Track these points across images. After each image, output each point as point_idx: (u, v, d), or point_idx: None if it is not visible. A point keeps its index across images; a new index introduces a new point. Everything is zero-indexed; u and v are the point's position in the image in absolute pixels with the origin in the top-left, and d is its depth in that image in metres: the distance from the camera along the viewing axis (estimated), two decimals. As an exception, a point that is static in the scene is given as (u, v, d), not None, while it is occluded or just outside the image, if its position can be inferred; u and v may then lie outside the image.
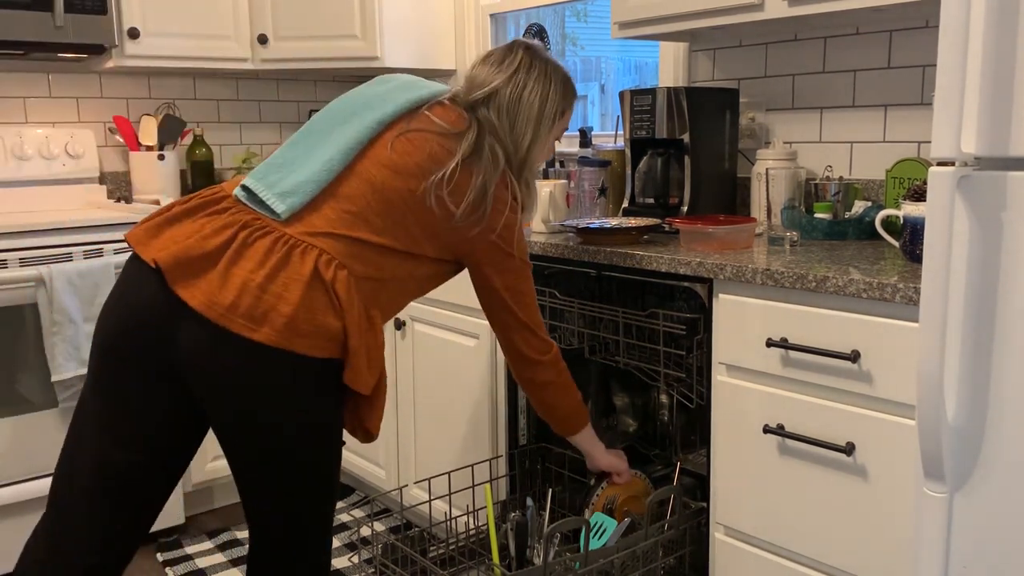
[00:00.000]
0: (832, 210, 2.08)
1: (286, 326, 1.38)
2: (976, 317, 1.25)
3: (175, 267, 1.39)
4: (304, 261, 1.41)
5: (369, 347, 1.49)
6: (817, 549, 1.65)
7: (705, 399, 1.83)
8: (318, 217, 1.47)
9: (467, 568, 2.03)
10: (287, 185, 1.48)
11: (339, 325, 1.43)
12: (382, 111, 1.57)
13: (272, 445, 1.46)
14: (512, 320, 1.69)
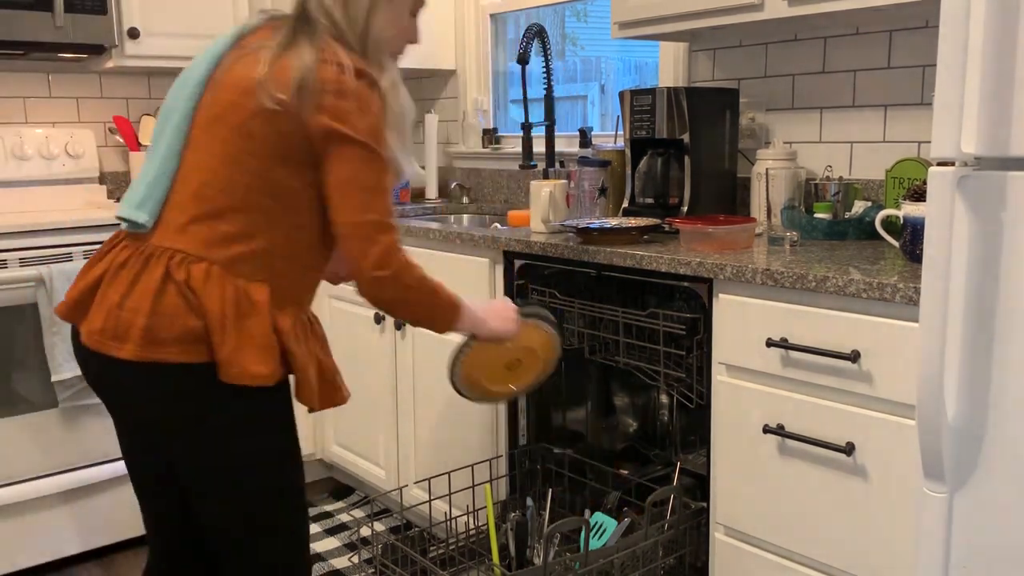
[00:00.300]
0: (832, 210, 2.08)
1: (144, 338, 1.36)
2: (976, 317, 1.25)
3: (71, 311, 1.47)
4: (155, 268, 1.38)
5: (249, 334, 1.39)
6: (817, 549, 1.65)
7: (705, 399, 1.83)
8: (177, 212, 1.42)
9: (467, 568, 2.03)
10: (139, 193, 1.44)
11: (200, 324, 1.37)
12: (197, 73, 1.47)
13: (184, 455, 1.45)
14: (355, 221, 1.42)
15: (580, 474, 2.20)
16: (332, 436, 3.05)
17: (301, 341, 1.47)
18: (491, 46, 3.36)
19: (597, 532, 2.01)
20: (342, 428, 2.99)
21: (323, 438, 3.09)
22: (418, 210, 3.18)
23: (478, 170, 3.36)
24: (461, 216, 3.20)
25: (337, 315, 2.87)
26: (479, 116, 3.37)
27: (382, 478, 2.81)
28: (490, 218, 3.13)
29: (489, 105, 3.39)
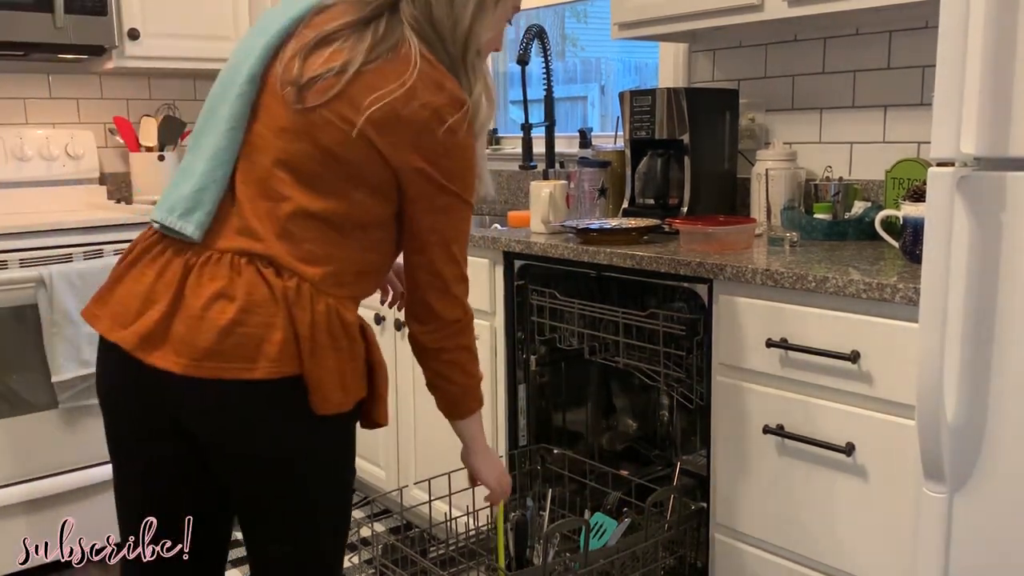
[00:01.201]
0: (832, 210, 2.08)
1: (281, 352, 1.24)
2: (976, 317, 1.25)
3: (141, 344, 1.26)
4: (250, 275, 1.25)
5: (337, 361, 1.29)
6: (817, 549, 1.65)
7: (705, 399, 1.83)
8: (239, 219, 1.28)
9: (467, 568, 2.03)
10: (186, 200, 1.28)
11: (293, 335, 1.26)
12: (249, 65, 1.29)
13: (290, 483, 1.32)
14: (437, 271, 1.35)
15: (580, 474, 2.20)
16: (332, 437, 3.05)
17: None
18: (491, 47, 3.35)
19: (597, 532, 2.01)
20: (342, 429, 2.99)
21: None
22: (418, 211, 3.17)
23: (478, 171, 3.35)
24: (461, 217, 3.20)
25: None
26: (479, 117, 3.37)
27: (382, 478, 2.81)
28: (490, 218, 3.13)
29: (489, 106, 3.39)
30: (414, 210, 1.32)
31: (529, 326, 2.25)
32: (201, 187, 1.28)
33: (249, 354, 1.23)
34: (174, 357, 1.24)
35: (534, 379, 2.31)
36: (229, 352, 1.23)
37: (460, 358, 1.45)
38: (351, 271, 1.32)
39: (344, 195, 1.28)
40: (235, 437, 1.29)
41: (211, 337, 1.22)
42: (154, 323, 1.25)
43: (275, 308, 1.24)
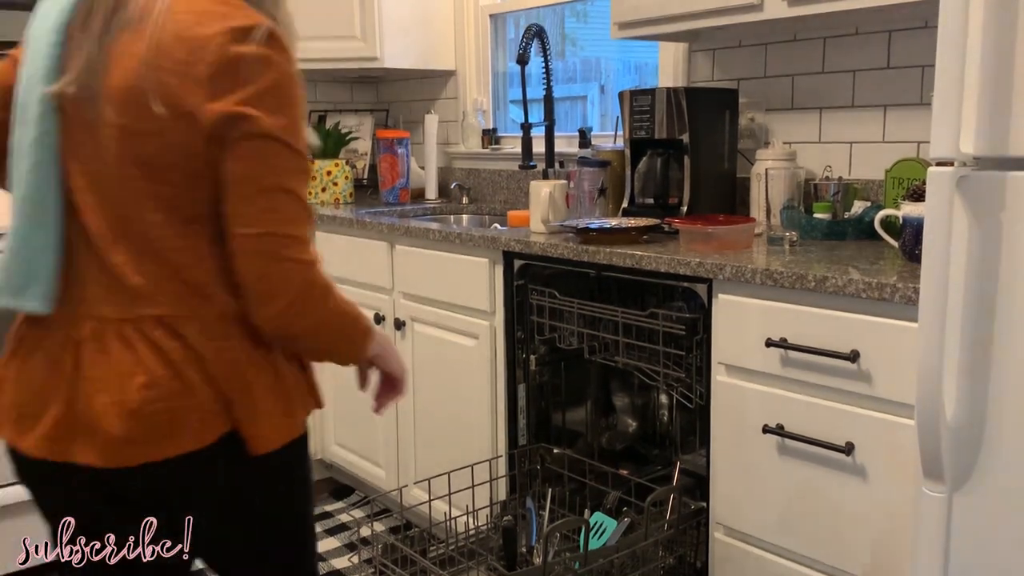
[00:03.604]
0: (831, 210, 2.08)
1: (201, 418, 1.13)
2: (975, 317, 1.25)
3: (51, 447, 1.14)
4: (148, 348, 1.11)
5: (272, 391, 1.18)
6: (816, 549, 1.65)
7: (705, 399, 1.83)
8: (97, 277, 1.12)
9: (467, 568, 2.03)
10: (12, 275, 1.12)
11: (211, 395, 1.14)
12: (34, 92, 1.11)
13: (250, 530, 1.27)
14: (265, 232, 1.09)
15: (580, 474, 2.20)
16: (332, 436, 3.05)
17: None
18: (491, 46, 3.36)
19: (597, 532, 2.01)
20: (342, 428, 2.99)
21: (323, 438, 3.09)
22: (418, 210, 3.18)
23: (478, 170, 3.36)
24: (461, 216, 3.20)
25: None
26: (479, 116, 3.37)
27: (382, 478, 2.81)
28: (490, 218, 3.13)
29: (489, 105, 3.39)
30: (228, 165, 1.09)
31: (529, 326, 2.25)
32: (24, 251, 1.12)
33: (167, 431, 1.12)
34: (92, 451, 1.12)
35: (534, 379, 2.31)
36: (146, 435, 1.11)
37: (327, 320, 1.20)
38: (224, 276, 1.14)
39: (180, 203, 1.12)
40: (184, 509, 1.21)
41: (122, 424, 1.10)
42: (59, 419, 1.13)
43: (178, 376, 1.11)
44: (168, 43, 1.07)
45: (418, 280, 2.55)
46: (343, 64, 3.20)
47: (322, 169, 3.30)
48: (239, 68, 1.06)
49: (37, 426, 1.14)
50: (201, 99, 1.06)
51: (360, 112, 3.70)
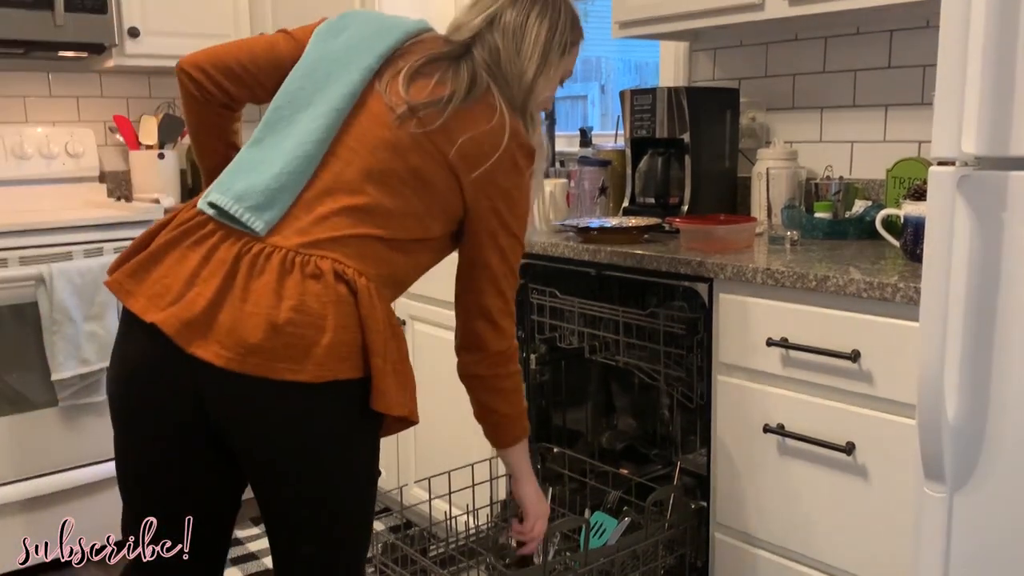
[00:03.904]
0: (832, 210, 2.08)
1: (327, 355, 1.23)
2: (976, 317, 1.25)
3: (182, 330, 1.22)
4: (320, 278, 1.25)
5: (395, 362, 1.32)
6: (817, 549, 1.65)
7: (705, 399, 1.83)
8: (309, 221, 1.29)
9: (467, 568, 2.03)
10: (259, 194, 1.28)
11: (361, 339, 1.28)
12: (350, 78, 1.36)
13: (324, 486, 1.32)
14: (489, 304, 1.44)
15: (580, 473, 2.20)
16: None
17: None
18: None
19: (597, 532, 2.01)
20: (342, 427, 2.99)
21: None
22: (418, 209, 3.18)
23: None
24: (461, 215, 3.20)
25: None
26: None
27: (382, 477, 2.81)
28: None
29: (489, 104, 3.39)
30: (475, 244, 1.41)
31: (529, 325, 2.25)
32: (280, 186, 1.29)
33: (296, 355, 1.21)
34: (217, 348, 1.20)
35: (534, 378, 2.31)
36: (277, 351, 1.20)
37: (505, 386, 1.52)
38: (397, 278, 1.39)
39: (416, 215, 1.35)
40: (273, 441, 1.26)
41: (260, 333, 1.20)
42: (199, 309, 1.22)
43: (326, 311, 1.23)
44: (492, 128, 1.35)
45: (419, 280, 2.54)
46: (344, 63, 3.20)
47: (322, 168, 3.29)
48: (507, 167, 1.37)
49: (172, 306, 1.23)
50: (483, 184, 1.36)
51: (360, 111, 3.70)
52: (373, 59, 1.37)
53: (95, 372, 2.60)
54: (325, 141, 1.33)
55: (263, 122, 1.38)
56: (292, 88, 1.38)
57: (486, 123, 1.35)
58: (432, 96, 1.34)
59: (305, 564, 1.37)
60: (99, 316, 2.59)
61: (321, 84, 1.37)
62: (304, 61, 1.41)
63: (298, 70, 1.40)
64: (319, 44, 1.42)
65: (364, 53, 1.38)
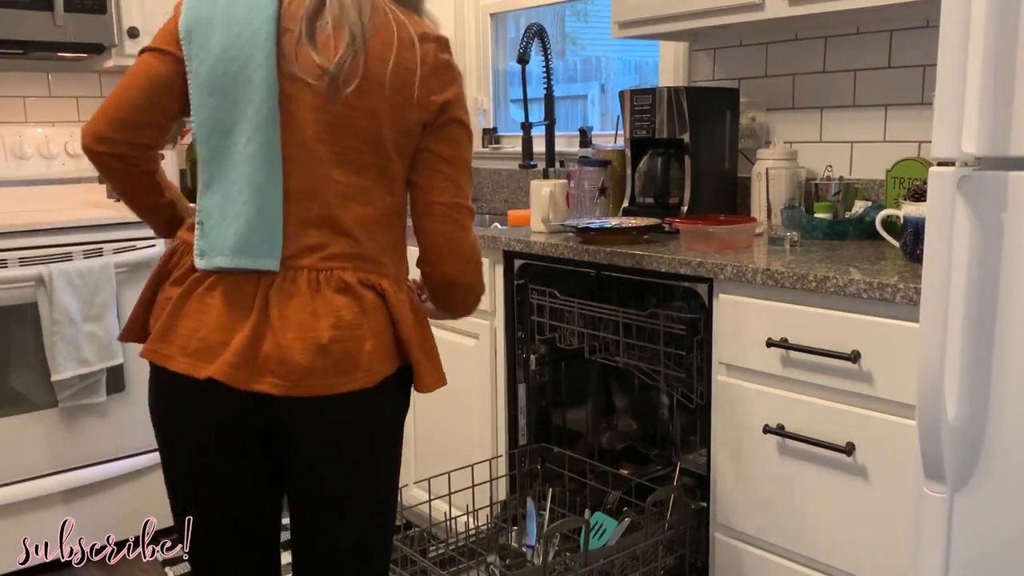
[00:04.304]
0: (832, 210, 2.08)
1: (373, 360, 1.31)
2: (976, 317, 1.24)
3: (235, 374, 1.26)
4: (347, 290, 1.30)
5: (426, 345, 1.39)
6: (817, 549, 1.65)
7: (705, 399, 1.83)
8: (312, 235, 1.30)
9: (467, 568, 2.03)
10: (252, 240, 1.28)
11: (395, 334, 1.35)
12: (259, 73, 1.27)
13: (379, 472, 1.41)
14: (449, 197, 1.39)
15: (580, 474, 2.20)
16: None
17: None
18: (491, 45, 3.35)
19: (597, 532, 2.01)
20: (342, 428, 2.99)
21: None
22: (418, 210, 3.17)
23: (478, 170, 3.36)
24: (461, 216, 3.20)
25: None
26: (479, 115, 3.37)
27: (382, 478, 2.81)
28: (490, 218, 3.13)
29: (489, 104, 3.39)
30: (437, 147, 1.37)
31: (529, 325, 2.25)
32: (266, 220, 1.28)
33: (347, 368, 1.29)
34: (272, 379, 1.27)
35: (534, 378, 2.31)
36: (328, 368, 1.28)
37: (480, 289, 1.50)
38: (401, 237, 1.40)
39: (386, 173, 1.34)
40: (338, 443, 1.35)
41: (308, 356, 1.26)
42: (244, 349, 1.26)
43: (362, 320, 1.30)
44: (402, 46, 1.31)
45: (418, 280, 2.54)
46: (343, 63, 3.20)
47: (322, 168, 3.29)
48: (451, 76, 1.37)
49: (222, 356, 1.26)
50: (428, 92, 1.32)
51: (360, 111, 3.70)
52: (268, 45, 1.27)
53: (95, 373, 2.59)
54: (275, 157, 1.28)
55: (202, 161, 1.32)
56: (206, 114, 1.30)
57: (395, 41, 1.31)
58: (341, 50, 1.27)
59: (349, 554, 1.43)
60: (99, 317, 2.59)
61: (232, 95, 1.29)
62: (200, 76, 1.30)
63: (200, 89, 1.30)
64: (199, 48, 1.30)
65: (255, 42, 1.28)
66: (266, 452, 1.38)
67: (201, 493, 1.40)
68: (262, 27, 1.28)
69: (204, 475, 1.39)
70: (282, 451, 1.37)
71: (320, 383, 1.28)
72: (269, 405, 1.30)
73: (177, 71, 1.32)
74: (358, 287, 1.30)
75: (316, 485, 1.38)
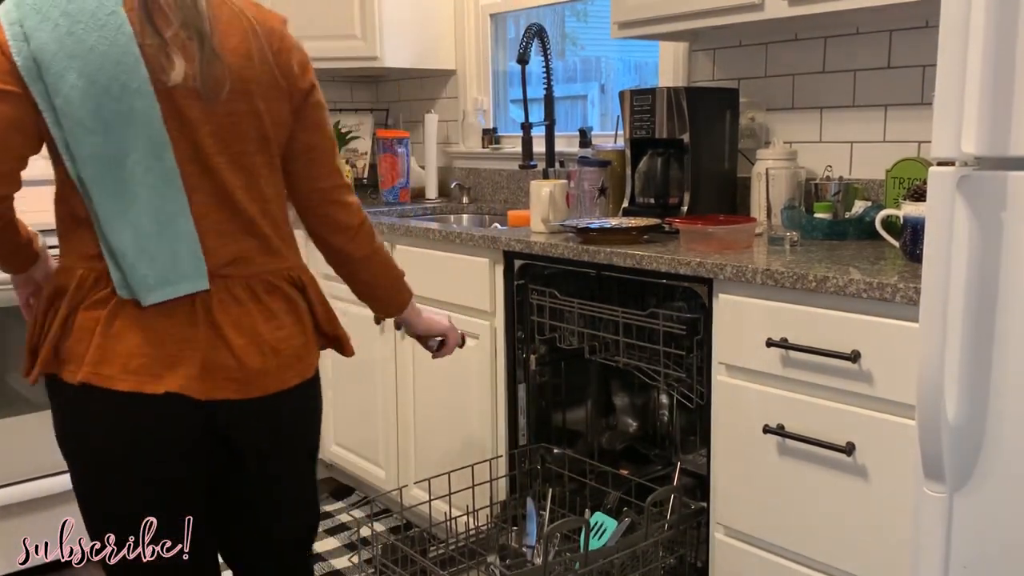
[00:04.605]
0: (832, 210, 2.08)
1: (310, 350, 1.44)
2: (976, 317, 1.25)
3: (193, 385, 1.28)
4: (276, 290, 1.37)
5: (332, 313, 1.52)
6: (817, 549, 1.65)
7: (705, 399, 1.83)
8: (231, 246, 1.32)
9: (467, 568, 2.03)
10: (182, 265, 1.27)
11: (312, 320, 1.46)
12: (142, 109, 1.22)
13: (315, 452, 1.56)
14: (331, 182, 1.44)
15: (580, 474, 2.20)
16: (332, 436, 3.05)
17: None
18: (491, 46, 3.36)
19: (597, 532, 2.01)
20: (342, 428, 2.99)
21: (323, 438, 3.09)
22: (418, 210, 3.18)
23: (478, 170, 3.36)
24: (461, 216, 3.20)
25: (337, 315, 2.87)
26: (479, 116, 3.37)
27: (382, 478, 2.81)
28: (490, 218, 3.13)
29: (489, 105, 3.39)
30: (307, 131, 1.40)
31: (529, 325, 2.25)
32: (187, 245, 1.28)
33: (294, 362, 1.39)
34: (233, 386, 1.32)
35: (534, 379, 2.31)
36: (281, 366, 1.37)
37: (383, 257, 1.55)
38: (292, 235, 1.45)
39: (276, 166, 1.39)
40: (288, 436, 1.45)
41: (261, 359, 1.34)
42: (204, 361, 1.29)
43: (297, 316, 1.40)
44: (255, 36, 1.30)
45: (418, 280, 2.54)
46: (343, 63, 3.20)
47: (322, 169, 3.29)
48: (304, 56, 1.40)
49: (178, 370, 1.28)
50: (293, 80, 1.35)
51: (360, 111, 3.70)
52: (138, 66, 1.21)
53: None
54: (176, 179, 1.26)
55: (95, 197, 1.25)
56: (88, 152, 1.23)
57: (248, 32, 1.29)
58: (196, 54, 1.23)
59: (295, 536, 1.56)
60: (99, 317, 2.59)
61: (116, 127, 1.22)
62: (69, 115, 1.20)
63: (75, 128, 1.21)
64: (55, 83, 1.19)
65: (123, 67, 1.20)
66: (213, 459, 1.42)
67: (154, 505, 1.40)
68: (125, 47, 1.20)
69: (158, 487, 1.37)
70: (237, 450, 1.42)
71: (273, 381, 1.36)
72: (228, 410, 1.34)
73: (26, 111, 1.21)
74: (286, 287, 1.38)
75: (269, 475, 1.47)
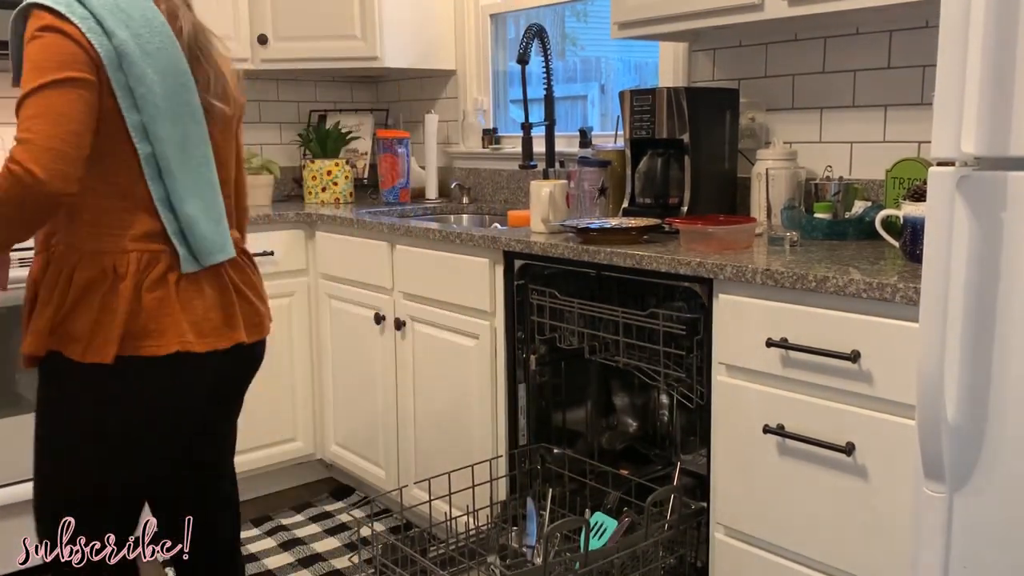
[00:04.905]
0: (832, 210, 2.08)
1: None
2: (976, 317, 1.25)
3: (251, 332, 1.64)
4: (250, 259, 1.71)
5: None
6: (817, 549, 1.65)
7: (705, 399, 1.83)
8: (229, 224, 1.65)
9: (467, 568, 2.03)
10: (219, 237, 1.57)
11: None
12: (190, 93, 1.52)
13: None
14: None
15: (580, 474, 2.20)
16: (332, 436, 3.05)
17: None
18: (491, 46, 3.36)
19: (597, 532, 2.01)
20: (342, 428, 2.99)
21: (323, 438, 3.09)
22: (418, 210, 3.18)
23: (478, 170, 3.36)
24: (461, 216, 3.20)
25: (337, 315, 2.88)
26: (479, 116, 3.37)
27: (382, 478, 2.81)
28: (490, 218, 3.13)
29: (489, 105, 3.39)
30: (238, 151, 1.71)
31: (529, 325, 2.25)
32: (224, 218, 1.60)
33: (268, 313, 1.71)
34: (256, 332, 1.66)
35: (534, 379, 2.31)
36: (267, 315, 1.70)
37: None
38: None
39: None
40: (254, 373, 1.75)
41: (263, 311, 1.68)
42: (241, 316, 1.60)
43: (257, 276, 1.71)
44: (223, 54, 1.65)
45: (418, 280, 2.55)
46: (343, 64, 3.20)
47: (322, 169, 3.30)
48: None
49: (235, 325, 1.58)
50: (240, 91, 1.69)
51: (360, 112, 3.70)
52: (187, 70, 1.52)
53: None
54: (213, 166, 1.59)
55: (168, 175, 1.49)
56: (166, 135, 1.47)
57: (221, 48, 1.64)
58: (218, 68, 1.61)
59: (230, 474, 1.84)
60: (99, 317, 2.59)
61: (183, 119, 1.51)
62: (152, 105, 1.45)
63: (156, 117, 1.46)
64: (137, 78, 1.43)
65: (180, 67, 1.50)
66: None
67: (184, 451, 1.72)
68: (179, 54, 1.50)
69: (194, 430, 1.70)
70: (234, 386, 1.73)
71: (267, 326, 1.70)
72: (250, 351, 1.66)
73: (99, 98, 1.40)
74: (250, 253, 1.71)
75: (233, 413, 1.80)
